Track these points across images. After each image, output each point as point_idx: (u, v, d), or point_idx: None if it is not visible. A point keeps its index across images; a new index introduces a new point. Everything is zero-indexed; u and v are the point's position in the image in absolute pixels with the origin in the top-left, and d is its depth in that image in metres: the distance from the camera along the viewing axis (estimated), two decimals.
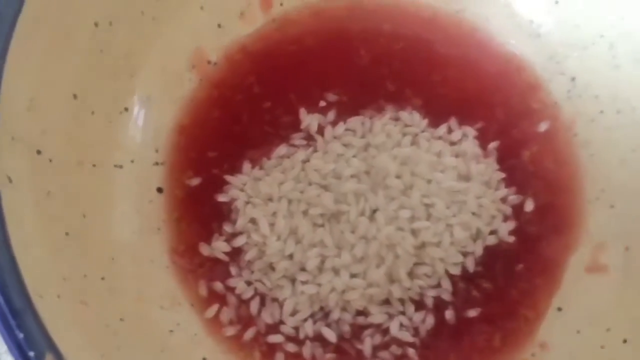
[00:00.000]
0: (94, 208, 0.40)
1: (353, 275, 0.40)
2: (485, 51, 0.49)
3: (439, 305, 0.42)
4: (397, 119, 0.45)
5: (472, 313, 0.42)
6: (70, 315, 0.33)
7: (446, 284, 0.42)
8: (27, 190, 0.33)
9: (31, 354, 0.27)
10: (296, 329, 0.42)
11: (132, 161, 0.44)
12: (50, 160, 0.36)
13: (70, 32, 0.38)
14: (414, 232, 0.41)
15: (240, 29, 0.48)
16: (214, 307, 0.42)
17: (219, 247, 0.43)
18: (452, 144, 0.45)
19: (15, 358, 0.26)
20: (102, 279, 0.38)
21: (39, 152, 0.35)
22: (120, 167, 0.43)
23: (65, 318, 0.32)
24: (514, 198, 0.44)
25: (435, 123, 0.46)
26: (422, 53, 0.49)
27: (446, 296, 0.42)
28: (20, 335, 0.27)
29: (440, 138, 0.45)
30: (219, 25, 0.48)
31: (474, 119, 0.46)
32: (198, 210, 0.44)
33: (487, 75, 0.48)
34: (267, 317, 0.42)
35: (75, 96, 0.39)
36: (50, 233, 0.35)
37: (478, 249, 0.42)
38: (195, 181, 0.45)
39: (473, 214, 0.42)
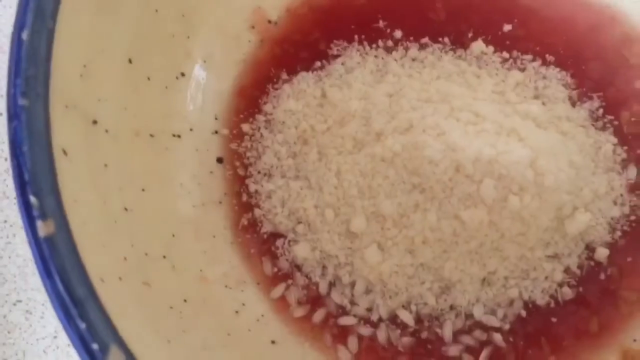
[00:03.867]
0: (153, 181, 0.37)
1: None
2: (573, 2, 0.44)
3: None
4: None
5: (567, 294, 0.38)
6: (134, 299, 0.30)
7: None
8: (83, 164, 0.30)
9: (94, 346, 0.24)
10: (369, 310, 0.38)
11: (191, 129, 0.41)
12: (107, 131, 0.33)
13: None
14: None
15: None
16: (281, 287, 0.39)
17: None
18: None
19: (78, 351, 0.24)
20: (164, 257, 0.35)
21: (94, 122, 0.32)
22: (179, 136, 0.40)
23: (128, 303, 0.29)
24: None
25: None
26: (504, 5, 0.44)
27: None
28: (83, 326, 0.24)
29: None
30: None
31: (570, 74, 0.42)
32: None
33: (577, 27, 0.43)
34: (337, 297, 0.39)
35: (130, 61, 0.36)
36: (108, 209, 0.32)
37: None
38: None
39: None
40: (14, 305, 0.45)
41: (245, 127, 0.42)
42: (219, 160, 0.41)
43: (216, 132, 0.42)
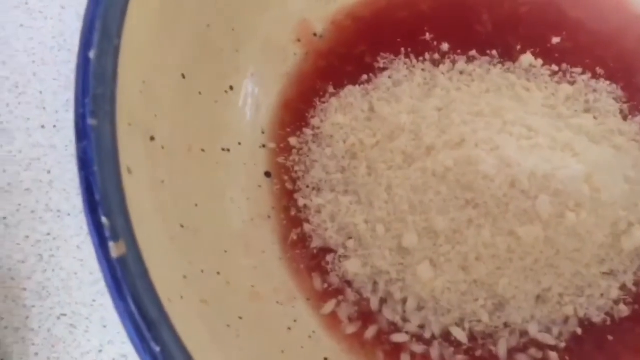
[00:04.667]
0: (205, 196, 0.37)
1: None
2: (623, 15, 0.44)
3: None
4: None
5: (623, 312, 0.37)
6: (196, 318, 0.30)
7: None
8: (146, 181, 0.30)
9: None
10: (422, 327, 0.38)
11: (239, 143, 0.41)
12: (163, 147, 0.33)
13: (180, 6, 0.34)
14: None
15: None
16: (332, 303, 0.39)
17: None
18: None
19: None
20: (218, 273, 0.35)
21: (152, 138, 0.32)
22: (228, 150, 0.40)
23: (192, 322, 0.29)
24: None
25: None
26: (551, 17, 0.44)
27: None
28: (157, 349, 0.24)
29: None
30: None
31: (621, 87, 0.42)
32: None
33: (627, 40, 0.43)
34: (389, 314, 0.38)
35: (183, 76, 0.36)
36: (167, 226, 0.32)
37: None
38: None
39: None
40: (58, 319, 0.44)
41: (293, 140, 0.42)
42: (267, 174, 0.41)
43: (264, 145, 0.42)
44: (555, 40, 0.43)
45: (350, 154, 0.40)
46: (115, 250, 0.25)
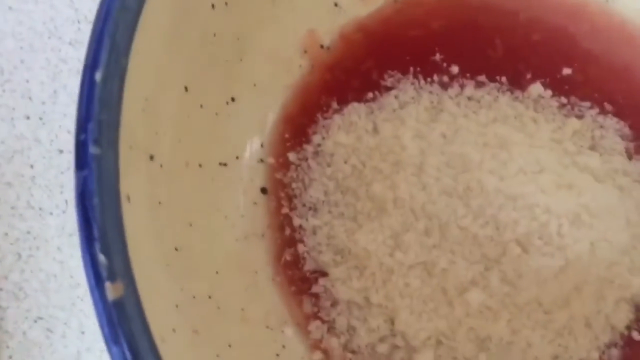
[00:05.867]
0: (199, 214, 0.35)
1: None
2: (636, 51, 0.43)
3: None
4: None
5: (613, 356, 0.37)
6: (188, 353, 0.29)
7: None
8: (144, 207, 0.28)
9: None
10: None
11: (237, 157, 0.39)
12: (161, 166, 0.32)
13: (189, 17, 0.32)
14: None
15: (358, 8, 0.42)
16: (321, 328, 0.38)
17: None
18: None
19: None
20: (209, 297, 0.34)
21: (151, 157, 0.31)
22: (225, 164, 0.38)
23: (184, 358, 0.28)
24: None
25: None
26: (563, 47, 0.43)
27: None
28: None
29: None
30: (336, 4, 0.42)
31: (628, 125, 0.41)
32: None
33: (636, 78, 0.42)
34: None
35: (186, 89, 0.34)
36: (163, 251, 0.30)
37: None
38: None
39: None
40: (35, 323, 0.43)
41: (292, 156, 0.40)
42: (263, 190, 0.40)
43: (262, 160, 0.40)
44: (566, 71, 0.42)
45: (351, 176, 0.39)
46: (113, 291, 0.23)
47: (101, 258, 0.24)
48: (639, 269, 0.37)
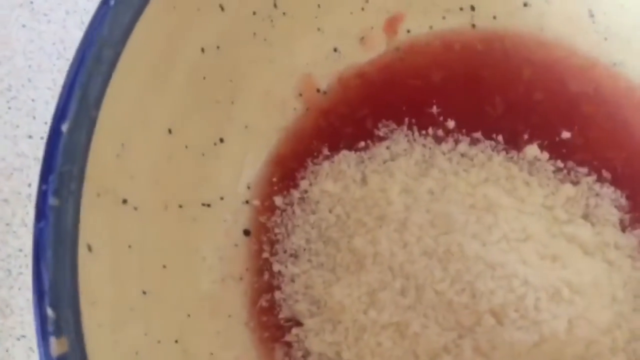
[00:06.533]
0: (175, 256, 0.35)
1: None
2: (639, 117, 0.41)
3: None
4: None
5: None
6: None
7: None
8: (107, 255, 0.29)
9: None
10: None
11: (222, 198, 0.39)
12: (136, 209, 0.32)
13: (174, 62, 0.33)
14: None
15: (358, 55, 0.42)
16: None
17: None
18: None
19: None
20: (176, 341, 0.34)
21: (124, 201, 0.31)
22: (208, 205, 0.38)
23: None
24: None
25: None
26: (565, 109, 0.42)
27: None
28: None
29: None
30: (335, 50, 0.42)
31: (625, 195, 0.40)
32: None
33: (638, 147, 0.41)
34: None
35: (170, 131, 0.34)
36: (126, 297, 0.30)
37: None
38: None
39: None
40: (18, 340, 0.44)
41: (278, 200, 0.40)
42: (246, 232, 0.40)
43: (247, 202, 0.40)
44: (565, 135, 0.41)
45: (335, 226, 0.39)
46: (57, 347, 0.23)
47: (49, 312, 0.24)
48: (622, 349, 0.36)
